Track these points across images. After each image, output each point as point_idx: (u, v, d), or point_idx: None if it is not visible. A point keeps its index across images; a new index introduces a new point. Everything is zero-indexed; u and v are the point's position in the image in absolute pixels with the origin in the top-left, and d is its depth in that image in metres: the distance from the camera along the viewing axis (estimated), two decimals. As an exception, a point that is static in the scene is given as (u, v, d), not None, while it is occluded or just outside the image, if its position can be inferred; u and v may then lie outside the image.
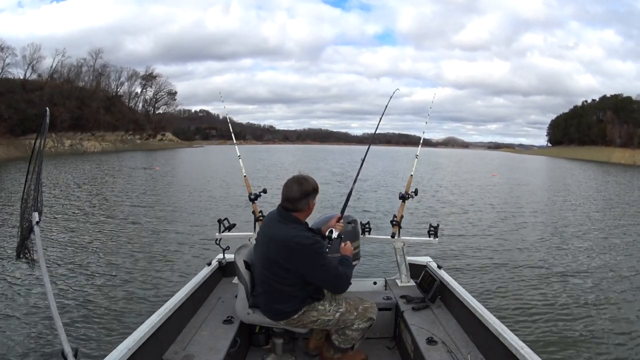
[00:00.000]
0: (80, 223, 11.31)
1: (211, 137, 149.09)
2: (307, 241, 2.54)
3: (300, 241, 2.53)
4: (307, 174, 2.74)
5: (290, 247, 2.53)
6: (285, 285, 2.61)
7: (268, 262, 2.62)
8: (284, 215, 2.64)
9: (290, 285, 2.61)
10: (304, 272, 2.57)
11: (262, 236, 2.72)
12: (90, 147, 64.46)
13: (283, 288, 2.62)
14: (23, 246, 1.97)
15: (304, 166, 39.75)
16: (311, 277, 2.60)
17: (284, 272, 2.58)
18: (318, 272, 2.58)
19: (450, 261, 8.08)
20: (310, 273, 2.58)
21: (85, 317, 5.33)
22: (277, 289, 2.63)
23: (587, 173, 42.13)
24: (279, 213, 2.67)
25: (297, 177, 2.67)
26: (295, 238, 2.53)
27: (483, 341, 2.67)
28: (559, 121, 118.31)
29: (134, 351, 2.23)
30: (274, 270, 2.60)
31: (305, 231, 2.64)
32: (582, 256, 9.08)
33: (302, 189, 2.61)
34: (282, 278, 2.60)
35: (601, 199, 20.21)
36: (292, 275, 2.58)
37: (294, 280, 2.60)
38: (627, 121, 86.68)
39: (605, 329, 5.40)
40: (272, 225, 2.66)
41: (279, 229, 2.60)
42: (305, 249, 2.53)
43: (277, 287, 2.63)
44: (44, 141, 1.96)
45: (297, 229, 2.60)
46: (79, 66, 72.95)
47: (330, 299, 2.78)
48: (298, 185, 2.62)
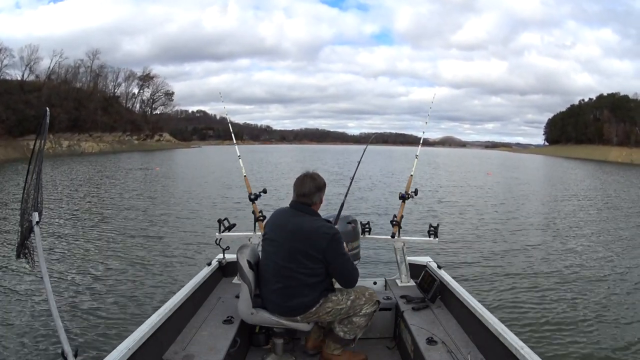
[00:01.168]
0: (80, 223, 11.30)
1: (208, 138, 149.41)
2: (332, 231, 2.70)
3: (327, 231, 2.68)
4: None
5: (320, 236, 2.65)
6: (311, 275, 2.69)
7: (294, 254, 2.67)
8: (304, 209, 2.76)
9: (315, 275, 2.70)
10: (330, 259, 2.68)
11: (280, 230, 2.75)
12: (88, 148, 64.45)
13: (307, 280, 2.69)
14: (23, 246, 1.96)
15: (303, 166, 39.70)
16: (333, 264, 2.71)
17: (312, 261, 2.66)
18: (340, 261, 2.71)
19: (449, 260, 8.08)
20: (333, 262, 2.69)
21: (86, 317, 5.31)
22: (299, 281, 2.69)
23: (584, 172, 42.24)
24: (297, 207, 2.78)
25: (309, 174, 2.83)
26: (322, 228, 2.68)
27: (483, 341, 2.67)
28: (556, 120, 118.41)
29: (134, 351, 2.22)
30: (301, 261, 2.66)
31: (324, 222, 2.78)
32: (582, 255, 9.09)
33: (316, 184, 2.78)
34: (309, 269, 2.67)
35: (600, 197, 20.28)
36: (319, 265, 2.68)
37: (320, 269, 2.70)
38: (624, 120, 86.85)
39: (606, 328, 5.39)
40: (292, 218, 2.74)
41: (304, 221, 2.71)
42: (332, 238, 2.66)
43: (301, 279, 2.68)
44: (44, 141, 1.95)
45: (320, 220, 2.76)
46: (76, 67, 73.10)
47: (341, 289, 2.89)
48: (311, 180, 2.78)
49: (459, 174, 34.88)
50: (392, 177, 28.05)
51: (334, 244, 2.67)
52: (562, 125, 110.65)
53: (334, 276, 2.79)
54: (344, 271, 2.76)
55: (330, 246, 2.65)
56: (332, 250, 2.66)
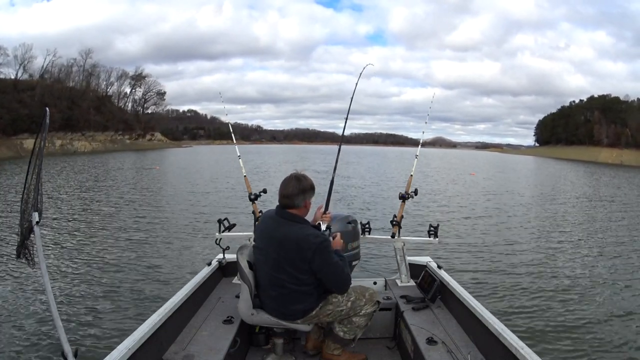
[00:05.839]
0: (79, 223, 11.20)
1: (199, 137, 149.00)
2: (318, 240, 2.58)
3: (313, 240, 2.56)
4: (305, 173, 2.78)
5: (306, 246, 2.55)
6: (302, 285, 2.63)
7: (281, 263, 2.61)
8: (286, 214, 2.66)
9: (307, 284, 2.64)
10: (318, 269, 2.60)
11: (267, 238, 2.69)
12: (81, 147, 64.06)
13: (299, 289, 2.64)
14: (23, 246, 1.95)
15: (292, 167, 39.60)
16: (322, 274, 2.64)
17: (300, 272, 2.60)
18: (327, 271, 2.63)
19: (449, 259, 8.11)
20: (321, 271, 2.62)
21: (85, 317, 5.28)
22: (293, 291, 2.64)
23: (575, 172, 42.58)
24: (280, 213, 2.68)
25: (296, 175, 2.70)
26: (308, 237, 2.57)
27: (483, 341, 2.67)
28: (547, 121, 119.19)
29: (134, 351, 2.22)
30: (289, 271, 2.60)
31: (312, 229, 2.68)
32: (583, 255, 9.16)
33: (300, 186, 2.64)
34: (298, 279, 2.61)
35: (596, 198, 20.47)
36: (308, 275, 2.61)
37: (310, 279, 2.63)
38: (614, 121, 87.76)
39: (606, 328, 5.42)
40: (278, 226, 2.65)
41: (288, 229, 2.61)
42: (317, 248, 2.56)
43: (293, 289, 2.63)
44: (44, 141, 1.94)
45: (305, 227, 2.64)
46: (69, 66, 72.75)
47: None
48: (296, 182, 2.65)
49: (453, 174, 35.00)
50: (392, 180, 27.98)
51: (321, 254, 2.57)
52: (553, 126, 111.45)
53: (325, 284, 2.70)
54: (333, 280, 2.68)
55: (315, 256, 2.56)
56: (319, 260, 2.57)
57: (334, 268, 2.63)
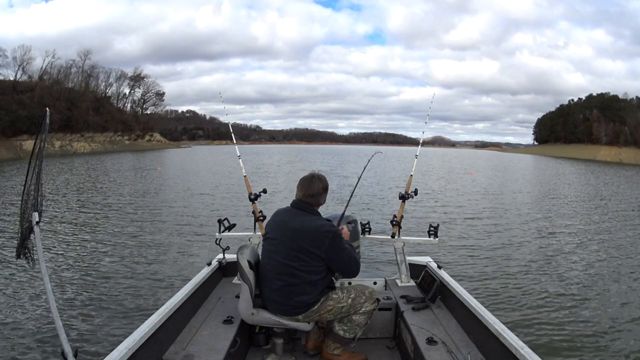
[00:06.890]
0: (79, 223, 11.20)
1: (198, 138, 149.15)
2: (333, 229, 2.78)
3: (329, 229, 2.75)
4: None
5: (322, 234, 2.72)
6: (313, 273, 2.74)
7: (295, 251, 2.72)
8: (306, 208, 2.84)
9: (317, 272, 2.75)
10: (332, 256, 2.74)
11: (283, 228, 2.80)
12: (80, 148, 64.10)
13: (308, 277, 2.74)
14: (23, 246, 1.97)
15: (292, 167, 39.59)
16: (335, 261, 2.78)
17: (314, 259, 2.72)
18: (341, 256, 2.78)
19: (449, 259, 8.11)
20: (335, 257, 2.76)
21: (86, 317, 5.27)
22: (301, 279, 2.73)
23: (574, 171, 42.55)
24: (299, 206, 2.84)
25: (316, 175, 2.91)
26: (324, 227, 2.76)
27: (483, 341, 2.68)
28: (545, 120, 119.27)
29: (134, 351, 2.22)
30: (303, 259, 2.72)
31: (325, 220, 2.87)
32: (583, 255, 9.14)
33: (323, 185, 2.87)
34: (311, 266, 2.73)
35: (597, 197, 20.45)
36: (320, 262, 2.74)
37: (321, 267, 2.76)
38: (613, 119, 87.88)
39: (606, 327, 5.41)
40: (294, 217, 2.81)
41: (306, 220, 2.78)
42: (333, 235, 2.73)
43: (303, 277, 2.73)
44: (44, 142, 1.94)
45: (321, 219, 2.85)
46: (68, 67, 72.78)
47: (342, 287, 2.98)
48: (320, 182, 2.86)
49: (452, 174, 34.99)
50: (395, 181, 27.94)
51: (335, 242, 2.73)
52: (552, 125, 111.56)
53: (337, 270, 2.85)
54: (347, 263, 2.82)
55: (331, 244, 2.71)
56: (333, 247, 2.72)
57: (347, 253, 2.79)
